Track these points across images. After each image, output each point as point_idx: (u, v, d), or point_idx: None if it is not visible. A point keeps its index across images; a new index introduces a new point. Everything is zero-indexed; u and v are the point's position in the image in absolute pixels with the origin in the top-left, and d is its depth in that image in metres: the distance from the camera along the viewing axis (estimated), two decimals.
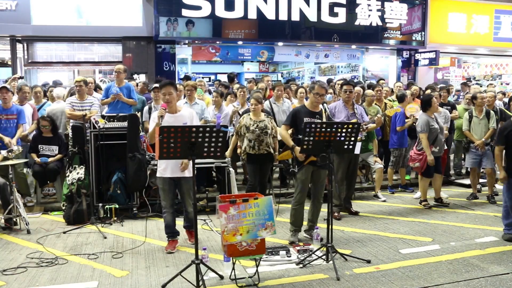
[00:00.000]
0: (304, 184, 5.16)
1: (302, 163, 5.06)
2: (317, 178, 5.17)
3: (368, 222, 6.18)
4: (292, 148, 5.04)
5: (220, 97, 7.55)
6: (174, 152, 3.85)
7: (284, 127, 5.25)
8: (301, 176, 5.11)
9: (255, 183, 6.14)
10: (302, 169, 5.09)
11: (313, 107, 5.16)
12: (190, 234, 5.19)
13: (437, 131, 6.70)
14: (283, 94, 7.61)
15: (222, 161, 6.33)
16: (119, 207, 6.22)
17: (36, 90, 7.78)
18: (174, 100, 4.69)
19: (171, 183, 4.79)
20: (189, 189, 4.80)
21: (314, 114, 5.12)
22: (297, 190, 5.19)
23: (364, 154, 7.26)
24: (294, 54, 13.90)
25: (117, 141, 6.33)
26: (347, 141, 4.49)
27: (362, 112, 6.30)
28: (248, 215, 3.99)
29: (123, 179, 6.31)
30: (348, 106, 6.22)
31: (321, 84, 5.11)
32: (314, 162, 5.01)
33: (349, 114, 6.16)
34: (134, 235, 5.62)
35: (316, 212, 5.32)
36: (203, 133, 3.82)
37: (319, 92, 5.05)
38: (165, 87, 4.64)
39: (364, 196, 7.70)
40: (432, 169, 6.81)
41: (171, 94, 4.63)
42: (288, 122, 5.23)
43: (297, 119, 5.11)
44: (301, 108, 5.25)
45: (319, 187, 5.22)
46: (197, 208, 4.18)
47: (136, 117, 6.43)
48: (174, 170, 4.72)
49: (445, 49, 14.84)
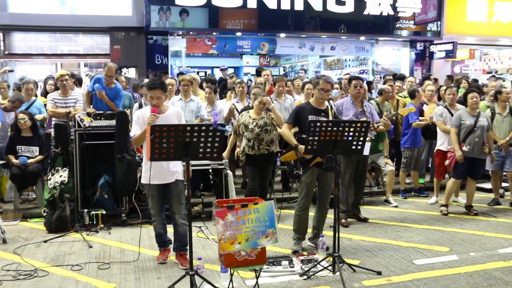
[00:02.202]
0: (309, 188, 5.17)
1: (307, 165, 5.07)
2: (323, 182, 5.18)
3: (378, 229, 6.18)
4: (296, 147, 5.06)
5: (214, 93, 7.57)
6: (166, 153, 3.85)
7: (286, 125, 5.26)
8: (306, 179, 5.12)
9: (255, 187, 6.15)
10: (307, 172, 5.10)
11: (318, 104, 5.17)
12: (181, 257, 4.86)
13: (469, 129, 6.66)
14: (284, 89, 7.62)
15: (219, 162, 6.35)
16: (106, 213, 6.23)
17: (28, 87, 7.53)
18: (162, 103, 4.67)
19: (159, 189, 4.77)
20: (180, 196, 4.75)
21: (319, 111, 5.14)
22: (302, 194, 5.20)
23: (374, 155, 7.27)
24: (298, 47, 13.92)
25: (104, 141, 6.33)
26: (355, 141, 4.50)
27: (372, 110, 6.30)
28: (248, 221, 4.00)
29: (110, 182, 6.32)
30: (357, 103, 6.22)
31: (327, 79, 5.12)
32: (321, 164, 5.03)
33: (357, 112, 6.16)
34: (122, 243, 5.63)
35: (322, 219, 5.33)
36: (198, 133, 3.83)
37: (325, 87, 5.06)
38: (153, 91, 4.55)
39: (374, 201, 7.71)
40: (462, 170, 6.76)
41: (160, 99, 4.57)
42: (291, 120, 5.24)
43: (301, 117, 5.12)
44: (305, 105, 5.26)
45: (325, 191, 5.23)
46: (192, 214, 4.19)
47: (125, 114, 6.44)
48: (163, 176, 4.67)
49: (463, 40, 14.83)
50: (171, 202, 4.81)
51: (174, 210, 4.80)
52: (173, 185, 4.75)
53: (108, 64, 7.33)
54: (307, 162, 5.06)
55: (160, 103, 4.60)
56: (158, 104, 4.57)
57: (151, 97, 4.57)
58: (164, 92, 4.64)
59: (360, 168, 6.35)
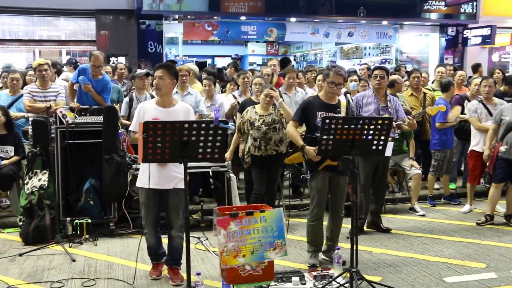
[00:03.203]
0: (321, 195, 5.19)
1: (316, 168, 5.10)
2: (336, 187, 5.21)
3: (402, 241, 6.20)
4: (302, 148, 5.08)
5: (213, 85, 7.60)
6: (161, 153, 3.89)
7: (292, 123, 5.27)
8: (316, 184, 5.15)
9: (262, 192, 6.18)
10: (316, 176, 5.12)
11: (329, 98, 5.19)
12: (172, 272, 4.89)
13: (509, 126, 6.65)
14: (295, 82, 7.65)
15: (221, 164, 6.39)
16: (92, 222, 6.26)
17: (13, 77, 7.34)
18: (166, 89, 4.65)
19: (156, 196, 4.72)
20: (179, 207, 4.75)
21: (330, 107, 5.15)
22: (313, 202, 5.23)
23: (397, 156, 7.27)
24: (310, 33, 13.96)
25: (90, 139, 6.37)
26: (375, 141, 4.51)
27: (397, 106, 6.29)
28: (253, 231, 4.03)
29: (97, 187, 6.35)
30: (380, 97, 6.24)
31: (338, 71, 5.08)
32: (332, 167, 5.04)
33: (380, 107, 6.17)
34: (110, 257, 5.66)
35: (336, 229, 5.36)
36: (197, 130, 3.86)
37: (335, 80, 5.05)
38: (157, 70, 4.66)
39: (398, 209, 7.73)
40: (501, 172, 6.74)
41: (162, 79, 4.59)
42: (297, 117, 5.25)
43: (309, 113, 5.14)
44: (313, 100, 5.27)
45: (338, 197, 5.26)
46: (190, 223, 4.22)
47: (113, 110, 6.48)
48: (161, 180, 4.65)
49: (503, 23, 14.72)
50: (168, 212, 4.81)
51: (171, 223, 4.80)
52: (172, 193, 4.71)
53: (94, 52, 7.32)
54: (316, 165, 5.08)
55: (161, 86, 4.63)
56: (159, 86, 4.62)
57: (154, 77, 4.66)
58: (171, 76, 4.64)
59: (380, 171, 6.35)
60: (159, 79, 4.61)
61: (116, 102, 7.63)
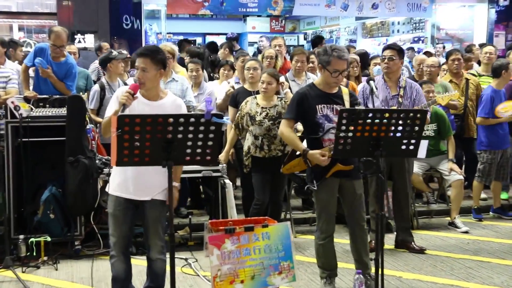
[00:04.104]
0: (330, 207, 5.22)
1: (323, 176, 5.12)
2: (350, 194, 5.23)
3: (440, 265, 6.22)
4: (304, 153, 5.09)
5: (201, 70, 7.64)
6: (140, 155, 3.88)
7: (286, 123, 5.26)
8: (323, 195, 5.17)
9: (264, 202, 6.23)
10: (324, 185, 5.13)
11: (329, 87, 5.20)
12: None
13: None
14: (305, 66, 7.69)
15: (214, 168, 6.42)
16: (52, 240, 6.24)
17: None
18: (151, 83, 4.56)
19: (128, 207, 4.63)
20: (159, 220, 4.67)
21: (330, 97, 5.17)
22: (321, 216, 5.25)
23: (433, 158, 7.30)
24: (325, 5, 13.97)
25: (50, 137, 6.39)
26: (406, 139, 4.54)
27: (415, 94, 6.31)
28: (254, 251, 4.08)
29: (59, 196, 6.35)
30: (391, 83, 6.31)
31: (340, 55, 5.03)
32: (341, 172, 5.08)
33: (389, 96, 6.24)
34: (75, 284, 5.68)
35: (363, 246, 5.33)
36: (185, 126, 3.85)
37: (339, 67, 5.03)
38: (140, 58, 4.50)
39: (434, 225, 7.75)
40: None
41: (146, 71, 4.47)
42: (293, 114, 5.23)
43: (306, 108, 5.14)
44: (308, 91, 5.23)
45: (355, 206, 5.25)
46: (175, 241, 4.26)
47: (79, 100, 6.48)
48: (136, 189, 4.58)
49: None
50: (145, 230, 4.74)
51: (148, 242, 4.73)
52: (149, 205, 4.62)
53: (54, 28, 7.32)
54: (322, 172, 5.09)
55: (146, 79, 4.50)
56: (143, 80, 4.49)
57: (136, 68, 4.55)
58: (156, 65, 4.49)
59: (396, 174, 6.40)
60: (141, 72, 4.47)
61: (83, 90, 7.66)
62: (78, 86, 7.54)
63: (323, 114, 5.08)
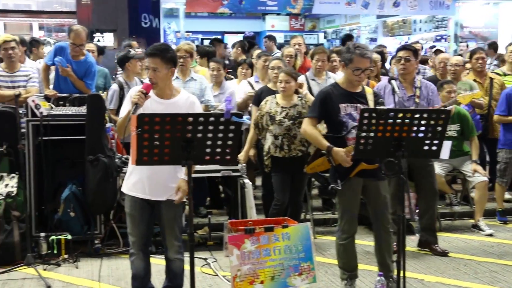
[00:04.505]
0: (352, 207, 5.20)
1: (347, 175, 5.11)
2: (375, 195, 5.21)
3: (463, 268, 6.18)
4: (328, 151, 5.09)
5: (223, 69, 7.64)
6: (159, 154, 3.90)
7: (309, 121, 5.24)
8: (346, 195, 5.16)
9: (284, 203, 6.23)
10: (348, 185, 5.12)
11: (352, 86, 5.20)
12: None
13: None
14: (326, 65, 7.69)
15: (233, 168, 6.42)
16: (72, 238, 6.30)
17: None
18: (163, 82, 4.58)
19: (145, 207, 4.67)
20: (175, 220, 4.70)
21: (353, 96, 5.16)
22: (343, 216, 5.24)
23: (456, 159, 7.25)
24: (345, 3, 13.90)
25: (70, 136, 6.44)
26: (428, 139, 4.52)
27: (431, 95, 6.29)
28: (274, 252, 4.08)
29: (79, 195, 6.41)
30: (406, 84, 6.29)
31: (363, 53, 5.04)
32: (365, 172, 5.07)
33: (405, 97, 6.22)
34: (94, 282, 5.71)
35: (387, 249, 5.31)
36: (204, 125, 3.86)
37: (361, 65, 5.03)
38: (151, 58, 4.52)
39: (457, 227, 7.70)
40: None
41: (157, 71, 4.49)
42: (316, 113, 5.23)
43: (329, 107, 5.14)
44: (332, 90, 5.24)
45: (381, 208, 5.24)
46: (195, 241, 4.27)
47: (99, 99, 6.53)
48: (153, 188, 4.59)
49: None
50: (162, 230, 4.78)
51: (166, 243, 4.77)
52: (165, 206, 4.64)
53: (74, 27, 7.35)
54: (347, 172, 5.07)
55: (158, 79, 4.52)
56: (155, 80, 4.51)
57: (147, 68, 4.58)
58: (167, 64, 4.52)
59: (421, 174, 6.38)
60: (152, 72, 4.49)
61: (102, 89, 7.69)
62: (97, 84, 7.56)
63: (347, 113, 5.08)
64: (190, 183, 4.01)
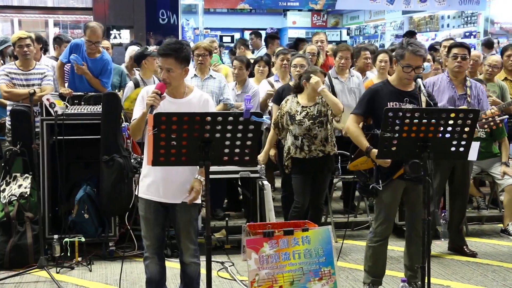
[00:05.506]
0: (391, 210, 5.20)
1: (390, 177, 5.09)
2: (415, 200, 5.19)
3: (491, 274, 6.12)
4: (367, 151, 5.08)
5: (246, 68, 7.66)
6: (176, 154, 3.91)
7: (354, 118, 5.26)
8: (386, 197, 5.15)
9: (304, 205, 6.22)
10: (389, 186, 5.11)
11: (403, 84, 5.19)
12: None
13: None
14: (349, 63, 7.65)
15: (252, 169, 6.42)
16: (86, 240, 6.32)
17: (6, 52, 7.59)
18: (176, 82, 4.55)
19: (159, 210, 4.67)
20: (190, 223, 4.69)
21: (404, 95, 5.14)
22: (379, 218, 5.22)
23: (485, 161, 7.18)
24: None
25: (85, 135, 6.47)
26: (455, 140, 4.47)
27: (480, 94, 6.25)
28: (293, 256, 4.06)
29: (93, 196, 6.42)
30: (457, 83, 6.21)
31: (415, 50, 5.02)
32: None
33: (456, 96, 6.15)
34: (109, 286, 5.75)
35: (418, 254, 5.20)
36: (223, 125, 3.86)
37: (413, 63, 5.01)
38: (164, 58, 4.48)
39: (485, 231, 7.63)
40: None
41: (171, 72, 4.46)
42: (361, 110, 5.24)
43: (376, 104, 5.12)
44: (382, 87, 5.25)
45: (418, 211, 5.17)
46: (212, 244, 4.26)
47: (115, 97, 6.54)
48: (167, 191, 4.59)
49: None
50: (177, 233, 4.76)
51: (181, 246, 4.76)
52: (180, 208, 4.63)
53: (90, 24, 7.38)
54: (389, 173, 5.06)
55: (171, 79, 4.49)
56: (168, 80, 4.49)
57: (160, 68, 4.59)
58: (181, 63, 4.48)
59: (459, 177, 6.35)
60: (166, 72, 4.46)
61: (117, 87, 7.72)
62: (113, 83, 7.58)
63: None
64: (207, 184, 4.00)
